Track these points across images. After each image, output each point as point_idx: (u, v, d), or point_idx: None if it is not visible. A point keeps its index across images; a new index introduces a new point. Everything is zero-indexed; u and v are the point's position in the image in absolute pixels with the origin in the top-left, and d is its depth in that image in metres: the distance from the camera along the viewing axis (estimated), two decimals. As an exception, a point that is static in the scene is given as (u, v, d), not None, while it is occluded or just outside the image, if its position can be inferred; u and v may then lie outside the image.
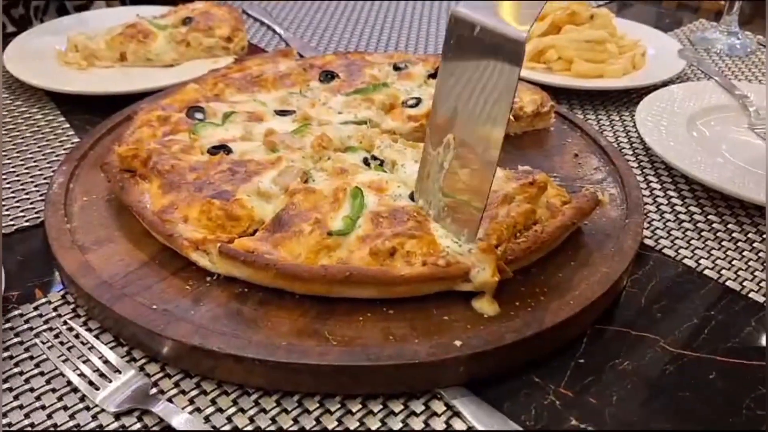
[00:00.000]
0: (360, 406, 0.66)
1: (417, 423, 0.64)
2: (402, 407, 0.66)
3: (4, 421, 0.63)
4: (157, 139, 0.90)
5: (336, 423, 0.64)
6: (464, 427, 0.64)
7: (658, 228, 0.92)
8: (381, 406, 0.66)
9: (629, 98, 1.25)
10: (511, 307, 0.71)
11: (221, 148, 0.88)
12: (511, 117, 1.02)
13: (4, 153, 1.03)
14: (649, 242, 0.89)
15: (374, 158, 0.89)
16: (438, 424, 0.64)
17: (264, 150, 0.89)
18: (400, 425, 0.64)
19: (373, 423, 0.64)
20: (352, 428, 0.63)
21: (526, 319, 0.69)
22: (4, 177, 0.97)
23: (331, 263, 0.70)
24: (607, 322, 0.75)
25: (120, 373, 0.67)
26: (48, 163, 1.01)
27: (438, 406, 0.66)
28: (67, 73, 1.21)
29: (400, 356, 0.65)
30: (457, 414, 0.65)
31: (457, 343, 0.66)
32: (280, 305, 0.71)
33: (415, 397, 0.66)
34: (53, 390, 0.66)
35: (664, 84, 1.25)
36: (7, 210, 0.91)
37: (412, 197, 0.80)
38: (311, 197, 0.77)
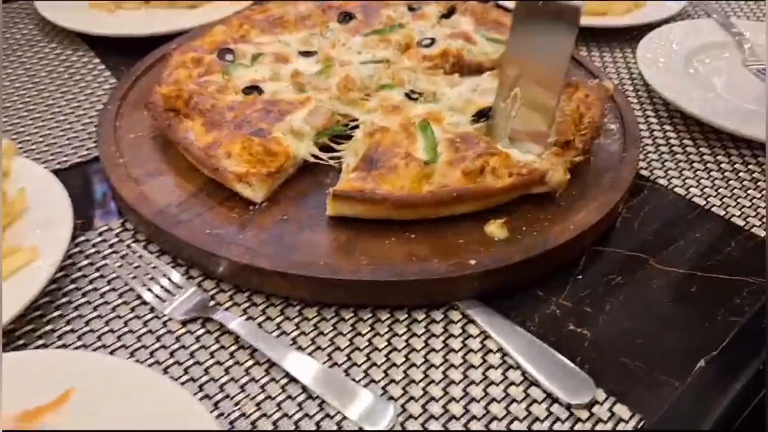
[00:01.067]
0: (388, 314, 0.77)
1: (437, 328, 0.75)
2: (424, 316, 0.76)
3: (86, 329, 0.74)
4: (193, 80, 0.97)
5: (368, 328, 0.75)
6: (477, 332, 0.75)
7: (653, 160, 1.01)
8: (406, 315, 0.76)
9: (632, 35, 1.31)
10: (518, 231, 0.81)
11: (254, 89, 0.96)
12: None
13: (48, 93, 1.11)
14: (644, 173, 0.98)
15: (413, 92, 0.97)
16: (455, 329, 0.75)
17: (293, 90, 0.97)
18: (422, 330, 0.75)
19: (400, 329, 0.75)
20: (382, 332, 0.75)
21: (532, 242, 0.79)
22: (51, 116, 1.05)
23: (432, 188, 0.80)
24: (604, 244, 0.86)
25: (182, 288, 0.78)
26: (90, 103, 1.09)
27: (455, 315, 0.77)
28: (97, 16, 1.27)
29: (422, 273, 0.75)
30: (472, 321, 0.76)
31: (472, 261, 0.76)
32: (314, 230, 0.81)
33: (435, 307, 0.77)
34: (125, 303, 0.77)
35: (666, 21, 1.31)
36: (59, 147, 0.99)
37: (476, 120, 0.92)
38: (388, 135, 0.86)
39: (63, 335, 0.73)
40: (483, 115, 0.91)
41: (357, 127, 0.92)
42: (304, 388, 0.68)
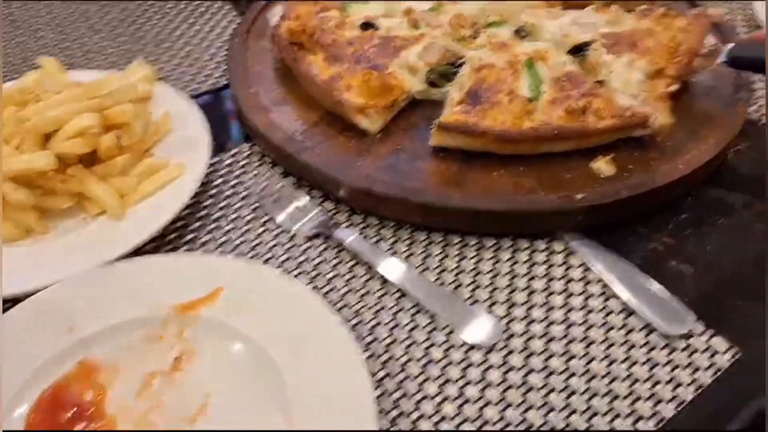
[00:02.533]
0: (494, 241, 0.82)
1: (540, 257, 0.80)
2: (528, 244, 0.81)
3: (224, 239, 0.83)
4: (312, 16, 1.03)
5: (474, 253, 0.81)
6: (579, 262, 0.79)
7: (763, 105, 0.99)
8: (510, 243, 0.82)
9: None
10: (625, 169, 0.83)
11: (370, 25, 1.00)
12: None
13: (175, 25, 1.20)
14: (754, 117, 0.97)
15: (522, 29, 0.99)
16: (557, 259, 0.80)
17: (406, 26, 1.00)
18: (526, 257, 0.80)
19: (504, 255, 0.80)
20: (487, 257, 0.80)
21: (639, 179, 0.82)
22: (181, 47, 1.14)
23: (533, 125, 0.84)
24: (710, 186, 0.87)
25: (306, 208, 0.86)
26: (217, 35, 1.17)
27: (558, 246, 0.81)
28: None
29: (530, 204, 0.80)
30: (574, 253, 0.80)
31: (578, 196, 0.80)
32: (427, 160, 0.86)
33: (539, 237, 0.82)
34: (257, 218, 0.85)
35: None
36: (191, 75, 1.08)
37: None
38: (494, 72, 0.89)
39: (205, 243, 0.83)
40: (579, 50, 0.93)
41: (464, 64, 0.95)
42: (416, 303, 0.75)
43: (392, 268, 0.77)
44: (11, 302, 0.71)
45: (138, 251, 0.78)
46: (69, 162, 0.81)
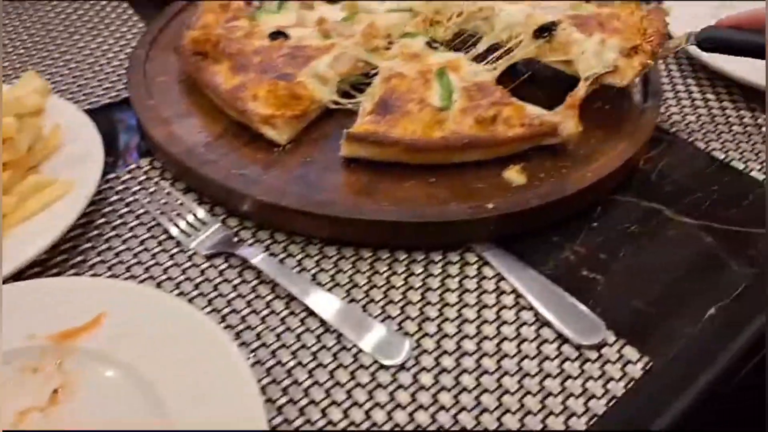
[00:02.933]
0: (406, 254, 0.79)
1: (453, 269, 0.77)
2: (441, 257, 0.79)
3: (115, 260, 0.77)
4: (220, 25, 0.98)
5: (386, 267, 0.77)
6: (492, 273, 0.77)
7: (674, 113, 1.01)
8: (423, 256, 0.79)
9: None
10: (536, 178, 0.82)
11: (280, 34, 0.97)
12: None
13: (78, 36, 1.14)
14: (664, 126, 0.98)
15: (434, 41, 0.97)
16: (471, 271, 0.77)
17: (318, 36, 0.97)
18: (439, 270, 0.77)
19: (417, 268, 0.77)
20: (399, 271, 0.77)
21: (549, 188, 0.81)
22: (82, 59, 1.08)
23: (445, 134, 0.81)
24: (621, 194, 0.86)
25: (206, 225, 0.81)
26: (119, 46, 1.11)
27: (471, 257, 0.79)
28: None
29: (441, 215, 0.77)
30: (487, 263, 0.78)
31: (489, 205, 0.78)
32: (337, 171, 0.83)
33: (452, 249, 0.79)
34: (153, 237, 0.80)
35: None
36: (91, 88, 1.02)
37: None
38: (405, 81, 0.87)
39: (94, 266, 0.77)
40: (546, 30, 0.92)
41: (377, 74, 0.93)
42: (323, 322, 0.71)
43: (299, 286, 0.73)
44: None
45: (19, 276, 0.71)
46: (-58, 180, 0.74)
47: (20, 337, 0.64)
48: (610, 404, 0.65)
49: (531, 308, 0.73)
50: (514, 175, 0.82)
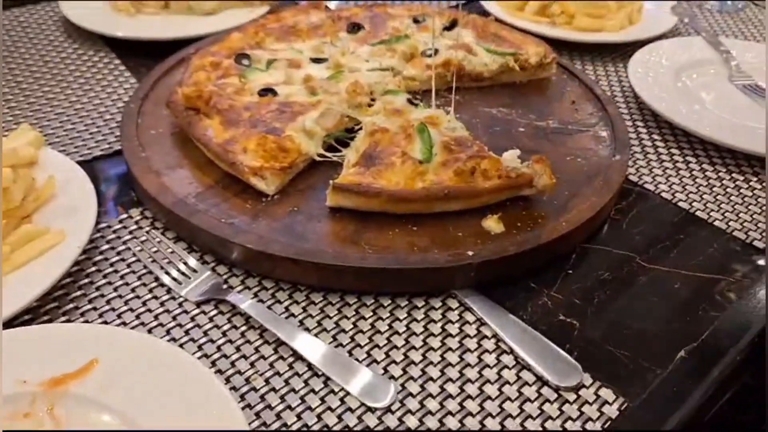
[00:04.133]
0: (390, 300, 0.82)
1: (436, 315, 0.80)
2: (423, 303, 0.82)
3: (107, 308, 0.79)
4: (211, 82, 1.03)
5: (371, 313, 0.80)
6: (473, 319, 0.80)
7: (642, 167, 1.07)
8: (407, 302, 0.82)
9: (625, 51, 1.37)
10: (513, 227, 0.87)
11: (268, 91, 1.01)
12: (517, 67, 1.17)
13: (71, 91, 1.17)
14: (633, 178, 1.04)
15: (416, 97, 1.03)
16: (453, 316, 0.80)
17: (305, 93, 1.02)
18: (422, 316, 0.80)
19: (401, 314, 0.80)
20: (384, 317, 0.80)
21: (526, 236, 0.85)
22: (74, 112, 1.11)
23: (426, 185, 0.86)
24: (594, 242, 0.91)
25: (197, 272, 0.83)
26: (111, 101, 1.15)
27: (453, 303, 0.82)
28: (118, 19, 1.33)
29: (423, 262, 0.81)
30: (469, 309, 0.81)
31: (470, 252, 0.81)
32: (323, 221, 0.87)
33: (434, 295, 0.82)
34: (144, 285, 0.82)
35: (658, 38, 1.37)
36: (83, 140, 1.05)
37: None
38: (387, 136, 0.92)
39: (85, 312, 0.78)
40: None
41: (361, 129, 0.98)
42: (310, 366, 0.73)
43: (287, 332, 0.75)
44: None
45: (10, 324, 0.72)
46: (-64, 228, 0.76)
47: (11, 383, 0.65)
48: (589, 444, 0.67)
49: (511, 352, 0.76)
50: (492, 224, 0.86)
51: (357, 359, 0.75)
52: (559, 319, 0.80)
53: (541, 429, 0.69)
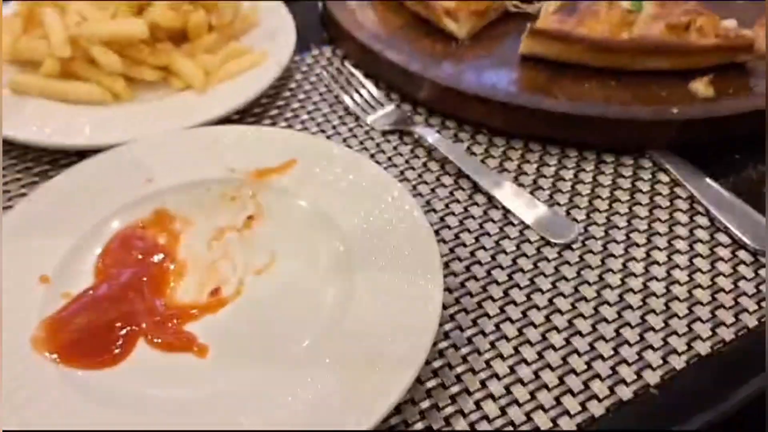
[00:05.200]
0: (576, 152, 0.79)
1: (626, 171, 0.76)
2: (613, 159, 0.78)
3: (300, 128, 0.83)
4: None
5: (556, 161, 0.78)
6: (667, 179, 0.75)
7: None
8: (595, 156, 0.78)
9: None
10: (725, 93, 0.79)
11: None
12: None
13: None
14: None
15: None
16: (645, 174, 0.76)
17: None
18: (611, 170, 0.76)
19: (588, 165, 0.77)
20: (569, 166, 0.77)
21: (739, 102, 0.77)
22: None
23: (633, 37, 0.80)
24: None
25: (383, 105, 0.85)
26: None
27: (645, 163, 0.77)
28: None
29: (624, 113, 0.76)
30: (664, 170, 0.76)
31: (674, 110, 0.76)
32: (515, 68, 0.84)
33: (625, 153, 0.78)
34: (334, 112, 0.85)
35: None
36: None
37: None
38: None
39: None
40: None
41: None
42: (490, 199, 0.73)
43: (469, 166, 0.75)
44: (94, 152, 0.72)
45: (221, 124, 0.78)
46: (159, 38, 0.83)
47: (222, 169, 0.71)
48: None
49: (707, 213, 0.71)
50: (701, 87, 0.79)
51: (538, 199, 0.73)
52: (763, 192, 0.73)
53: (732, 286, 0.64)
